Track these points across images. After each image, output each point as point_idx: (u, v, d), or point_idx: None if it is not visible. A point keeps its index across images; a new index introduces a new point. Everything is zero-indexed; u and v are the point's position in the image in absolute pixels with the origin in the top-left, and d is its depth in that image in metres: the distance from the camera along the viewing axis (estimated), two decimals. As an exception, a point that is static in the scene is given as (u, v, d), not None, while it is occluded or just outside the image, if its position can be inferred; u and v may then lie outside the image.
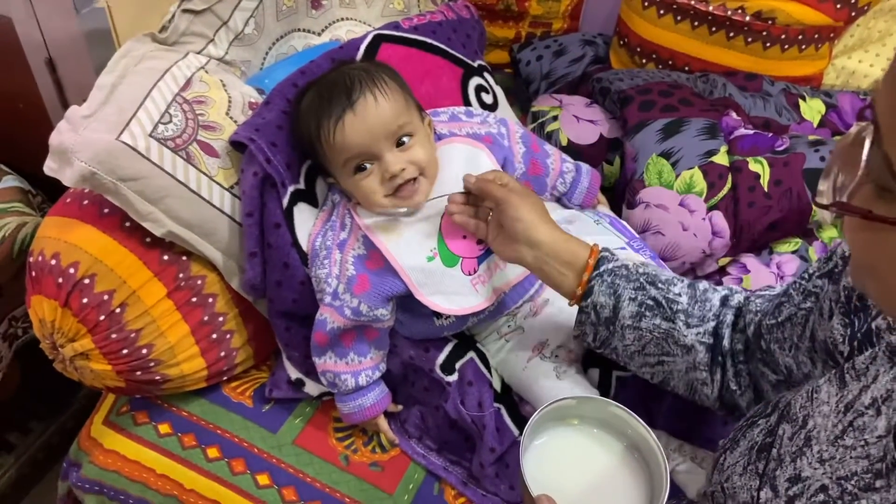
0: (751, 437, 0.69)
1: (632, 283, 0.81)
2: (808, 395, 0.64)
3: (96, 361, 0.91)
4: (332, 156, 0.91)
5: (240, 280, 0.98)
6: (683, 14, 1.35)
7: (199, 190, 0.93)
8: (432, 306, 0.93)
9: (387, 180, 0.90)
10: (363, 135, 0.88)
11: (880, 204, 0.41)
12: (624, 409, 0.75)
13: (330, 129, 0.88)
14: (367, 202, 0.93)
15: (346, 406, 0.96)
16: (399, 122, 0.90)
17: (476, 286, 0.94)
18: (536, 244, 0.84)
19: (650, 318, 0.80)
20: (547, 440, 0.75)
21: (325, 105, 0.89)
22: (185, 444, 1.00)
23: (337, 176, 0.94)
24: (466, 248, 0.94)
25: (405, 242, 0.93)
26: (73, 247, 0.90)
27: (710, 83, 1.32)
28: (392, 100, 0.90)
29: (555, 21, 1.59)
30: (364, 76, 0.91)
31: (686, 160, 1.14)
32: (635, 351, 0.83)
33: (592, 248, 0.84)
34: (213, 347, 0.98)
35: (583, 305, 0.84)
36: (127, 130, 0.88)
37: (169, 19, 0.99)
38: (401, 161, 0.90)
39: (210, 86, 0.99)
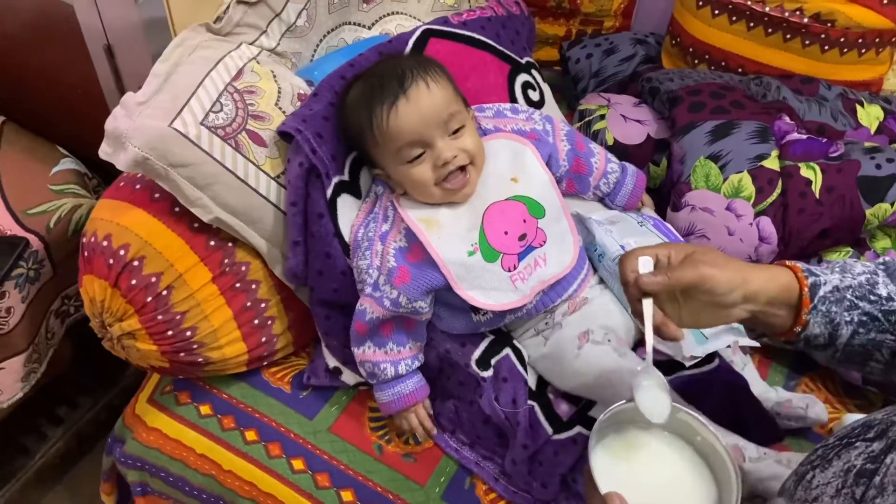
0: (847, 458, 0.65)
1: (844, 303, 0.72)
2: None
3: (142, 341, 0.93)
4: (385, 143, 0.92)
5: (283, 268, 0.99)
6: (739, 14, 1.32)
7: (247, 178, 0.95)
8: (471, 301, 0.93)
9: (439, 167, 0.91)
10: (416, 121, 0.90)
11: None
12: (693, 415, 0.73)
13: (383, 115, 0.90)
14: (417, 191, 0.94)
15: (385, 394, 0.97)
16: (450, 110, 0.92)
17: (515, 282, 0.94)
18: (751, 299, 0.73)
19: (864, 335, 0.72)
20: (616, 439, 0.74)
21: (378, 93, 0.91)
22: (224, 425, 1.02)
23: (386, 165, 0.95)
24: (507, 244, 0.94)
25: (447, 236, 0.93)
26: (125, 229, 0.93)
27: (764, 86, 1.29)
28: (443, 88, 0.92)
29: (606, 19, 1.57)
30: (415, 65, 0.93)
31: (735, 163, 1.12)
32: (839, 361, 0.76)
33: (799, 276, 0.73)
34: (255, 333, 1.00)
35: (797, 341, 0.75)
36: (179, 118, 0.90)
37: (224, 10, 1.02)
38: (452, 148, 0.91)
39: (261, 76, 1.00)
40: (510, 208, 0.96)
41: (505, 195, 0.97)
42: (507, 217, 0.96)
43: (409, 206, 0.96)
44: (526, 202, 0.97)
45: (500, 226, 0.95)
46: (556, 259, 0.97)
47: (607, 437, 0.73)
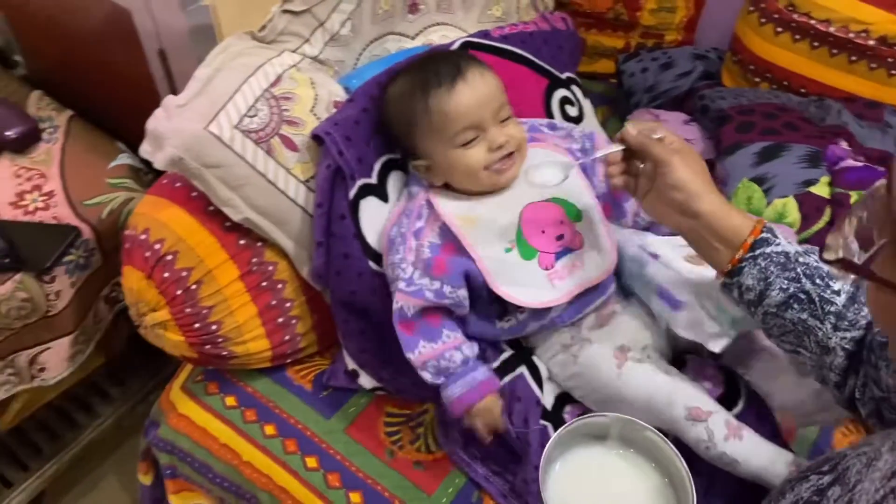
0: (798, 491, 0.65)
1: (787, 272, 0.76)
2: (868, 460, 0.60)
3: (172, 331, 0.98)
4: (442, 125, 0.93)
5: (309, 269, 1.02)
6: (802, 33, 1.27)
7: (276, 181, 0.98)
8: (507, 297, 0.93)
9: (493, 150, 0.93)
10: (474, 103, 0.92)
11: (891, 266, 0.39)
12: (658, 434, 0.74)
13: (442, 96, 0.92)
14: (465, 176, 0.95)
15: (456, 387, 0.90)
16: (501, 98, 0.95)
17: (553, 281, 0.94)
18: (695, 215, 0.79)
19: (796, 311, 0.76)
20: (575, 458, 0.75)
21: (433, 76, 0.93)
22: (246, 417, 1.06)
23: (436, 152, 0.95)
24: (545, 242, 0.94)
25: (484, 232, 0.94)
26: (162, 224, 0.98)
27: (824, 108, 1.24)
28: (494, 77, 0.96)
29: (668, 33, 1.54)
30: (467, 56, 0.97)
31: (780, 188, 1.08)
32: (772, 334, 0.80)
33: (755, 226, 0.78)
34: (279, 330, 1.03)
35: (726, 281, 0.80)
36: (215, 121, 0.94)
37: (269, 18, 1.05)
38: (504, 133, 0.94)
39: (299, 83, 1.04)
40: (547, 209, 0.96)
41: (542, 196, 0.97)
42: (544, 217, 0.96)
43: (446, 203, 0.96)
44: (563, 205, 0.97)
45: (538, 224, 0.95)
46: (594, 263, 0.96)
47: (566, 456, 0.73)
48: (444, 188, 0.98)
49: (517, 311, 0.96)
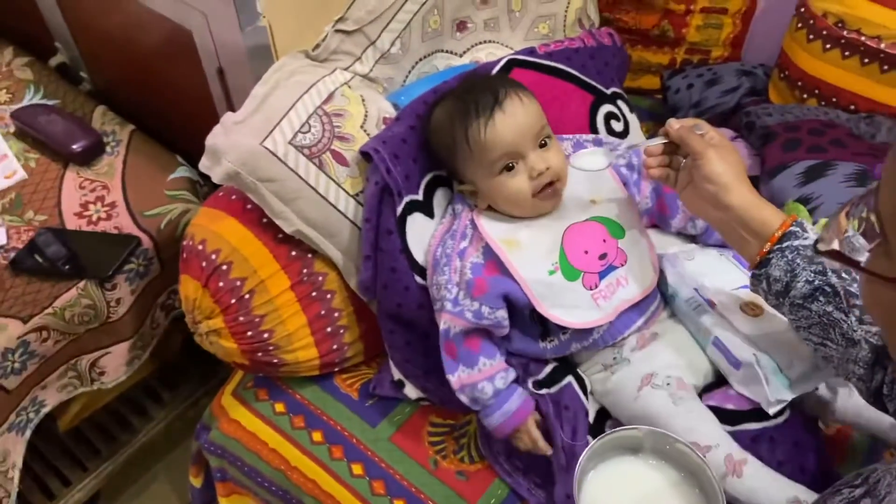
0: None
1: (814, 265, 0.78)
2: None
3: (225, 339, 1.02)
4: (480, 155, 0.95)
5: (356, 281, 1.05)
6: (852, 49, 1.26)
7: (327, 195, 1.01)
8: (553, 319, 0.94)
9: (534, 178, 0.94)
10: (513, 132, 0.93)
11: (882, 260, 0.41)
12: (688, 444, 0.75)
13: (480, 127, 0.93)
14: (510, 202, 0.97)
15: (493, 418, 0.95)
16: (541, 122, 0.96)
17: (598, 301, 0.95)
18: (725, 208, 0.82)
19: (822, 304, 0.78)
20: (607, 468, 0.76)
21: (472, 107, 0.95)
22: (294, 424, 1.09)
23: (478, 179, 0.98)
24: (588, 262, 0.96)
25: (528, 255, 0.96)
26: (218, 235, 1.02)
27: (875, 125, 1.22)
28: (533, 102, 0.97)
29: (714, 49, 1.53)
30: (505, 82, 0.98)
31: (826, 207, 1.07)
32: (799, 326, 0.82)
33: (785, 221, 0.80)
34: (327, 340, 1.06)
35: (755, 272, 0.83)
36: (270, 137, 0.98)
37: (323, 38, 1.09)
38: (544, 160, 0.95)
39: (350, 100, 1.07)
40: (589, 228, 0.98)
41: (584, 216, 0.99)
42: (587, 237, 0.97)
43: (490, 224, 0.98)
44: (605, 223, 0.99)
45: (580, 245, 0.96)
46: (638, 279, 0.98)
47: (599, 468, 0.75)
48: (488, 209, 1.00)
49: (560, 332, 0.98)
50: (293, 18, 1.06)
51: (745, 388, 0.93)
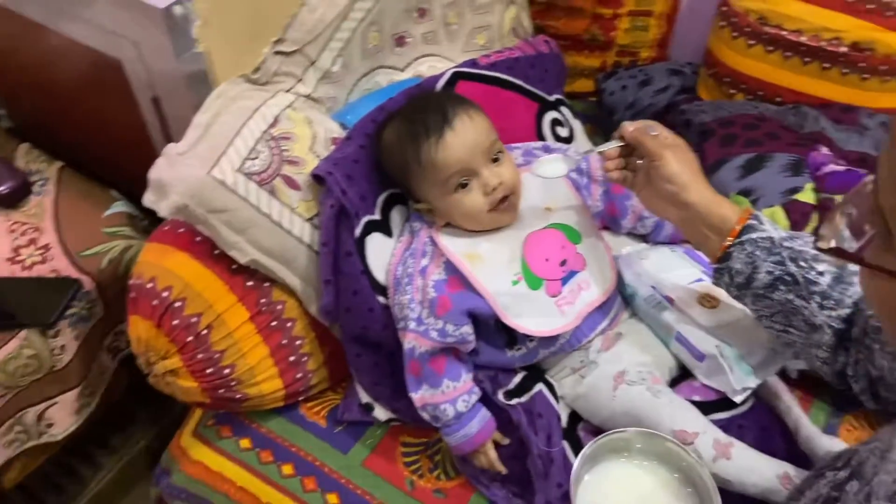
0: (817, 489, 0.68)
1: (773, 256, 0.80)
2: (881, 453, 0.63)
3: (184, 378, 0.98)
4: (433, 175, 0.95)
5: (317, 306, 1.03)
6: (775, 44, 1.31)
7: (281, 221, 0.99)
8: (520, 329, 0.95)
9: (489, 193, 0.94)
10: (464, 150, 0.93)
11: (882, 253, 0.43)
12: (678, 443, 0.76)
13: (431, 147, 0.93)
14: (467, 219, 0.97)
15: (454, 438, 0.96)
16: (492, 137, 0.96)
17: (562, 307, 0.96)
18: (685, 206, 0.85)
19: (783, 293, 0.80)
20: (600, 472, 0.77)
21: (422, 127, 0.94)
22: (262, 459, 1.05)
23: (433, 197, 0.98)
24: (549, 270, 0.96)
25: (490, 267, 0.96)
26: (169, 271, 0.98)
27: (802, 116, 1.28)
28: (483, 118, 0.97)
29: (642, 50, 1.58)
30: (454, 99, 0.98)
31: (767, 198, 1.11)
32: (762, 316, 0.84)
33: (742, 215, 0.83)
34: (291, 369, 1.03)
35: (718, 267, 0.85)
36: (217, 166, 0.95)
37: (262, 61, 1.06)
38: (497, 175, 0.95)
39: (296, 123, 1.05)
40: (548, 236, 0.99)
41: (541, 224, 1.00)
42: (546, 244, 0.98)
43: (450, 240, 0.98)
44: (562, 229, 1.00)
45: (541, 253, 0.97)
46: (598, 282, 0.99)
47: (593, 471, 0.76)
48: (446, 225, 1.00)
49: (527, 340, 0.98)
50: (230, 43, 1.03)
51: (710, 380, 0.96)
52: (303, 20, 1.08)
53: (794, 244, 0.81)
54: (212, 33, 1.00)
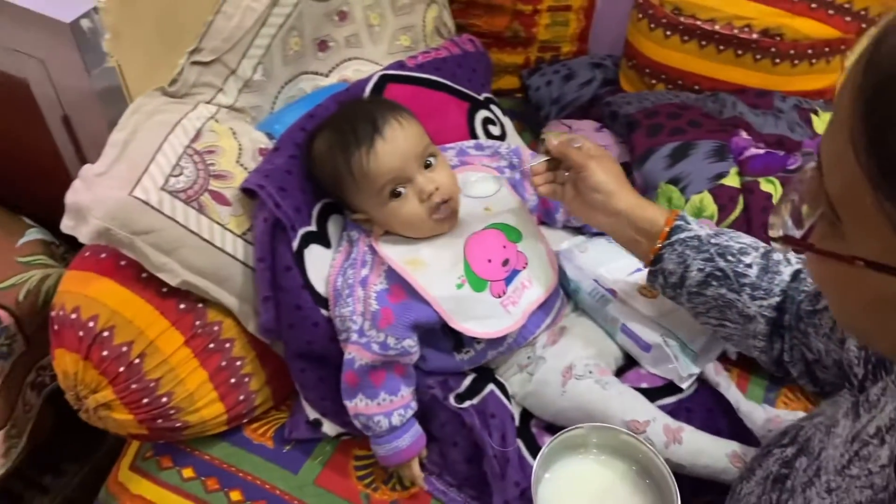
0: (766, 466, 0.70)
1: (702, 253, 0.83)
2: (826, 429, 0.65)
3: (118, 411, 0.93)
4: (366, 185, 0.93)
5: (256, 324, 0.99)
6: (690, 34, 1.35)
7: (212, 238, 0.95)
8: (467, 332, 0.94)
9: (425, 200, 0.93)
10: (396, 158, 0.92)
11: (829, 236, 0.43)
12: (633, 435, 0.77)
13: (362, 157, 0.91)
14: (407, 226, 0.95)
15: (383, 448, 0.95)
16: (424, 142, 0.95)
17: (507, 307, 0.96)
18: (614, 213, 0.87)
19: (715, 288, 0.83)
20: (559, 471, 0.77)
21: (351, 137, 0.92)
22: (208, 487, 1.01)
23: (370, 207, 0.96)
24: (493, 271, 0.96)
25: (433, 272, 0.95)
26: (93, 300, 0.93)
27: (720, 102, 1.31)
28: (414, 124, 0.95)
29: (563, 45, 1.59)
30: (382, 106, 0.96)
31: (695, 185, 1.14)
32: (698, 312, 0.87)
33: (669, 216, 0.86)
34: (232, 392, 0.99)
35: (652, 269, 0.87)
36: (139, 185, 0.90)
37: (178, 72, 1.02)
38: (432, 181, 0.93)
39: (220, 135, 1.01)
40: (489, 236, 0.98)
41: (481, 225, 0.99)
42: (488, 245, 0.97)
43: (390, 248, 0.96)
44: (502, 228, 0.99)
45: (483, 255, 0.96)
46: (540, 279, 0.99)
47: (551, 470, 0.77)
48: (385, 233, 0.98)
49: (474, 342, 0.98)
50: (144, 55, 0.98)
51: (657, 369, 0.97)
52: (219, 28, 1.05)
53: (720, 240, 0.84)
54: (123, 46, 0.95)
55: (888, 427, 0.55)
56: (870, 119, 0.37)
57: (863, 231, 0.40)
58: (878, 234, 0.38)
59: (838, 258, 0.41)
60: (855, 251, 0.40)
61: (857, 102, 0.38)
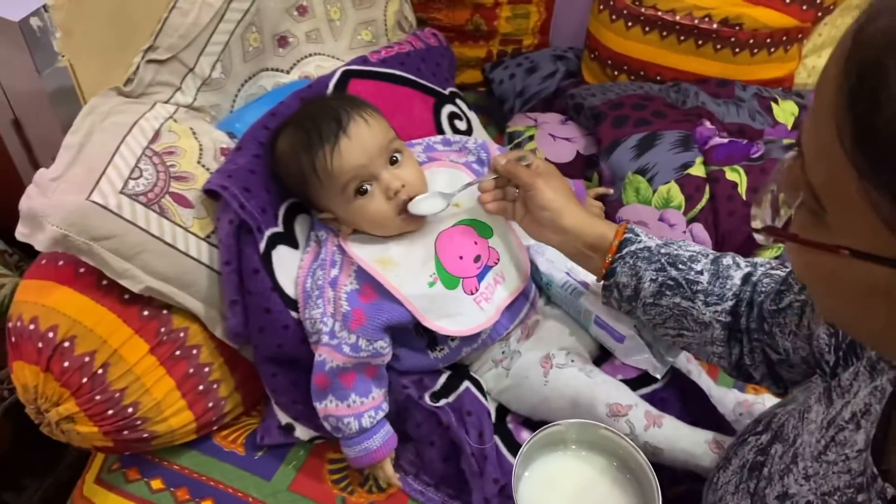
0: (742, 455, 0.70)
1: (653, 264, 0.83)
2: (799, 415, 0.65)
3: (82, 424, 0.89)
4: (330, 183, 0.91)
5: (223, 328, 0.97)
6: (651, 24, 1.35)
7: (175, 242, 0.92)
8: (440, 331, 0.93)
9: (392, 197, 0.91)
10: (360, 155, 0.90)
11: (811, 226, 0.43)
12: (613, 430, 0.77)
13: (326, 155, 0.89)
14: (375, 225, 0.94)
15: (353, 450, 0.94)
16: (389, 137, 0.93)
17: (480, 304, 0.95)
18: (563, 231, 0.87)
19: (670, 297, 0.83)
20: (539, 467, 0.77)
21: (315, 135, 0.90)
22: (178, 498, 0.98)
23: (336, 206, 0.94)
24: (465, 268, 0.95)
25: (404, 271, 0.93)
26: (51, 310, 0.89)
27: (683, 92, 1.32)
28: (378, 120, 0.93)
29: (525, 37, 1.59)
30: (347, 103, 0.94)
31: (662, 175, 1.14)
32: (656, 324, 0.87)
33: (618, 230, 0.86)
34: (201, 399, 0.97)
35: (606, 284, 0.87)
36: (97, 189, 0.87)
37: (133, 71, 0.99)
38: (398, 178, 0.92)
39: (179, 135, 0.98)
40: (459, 233, 0.97)
41: (451, 222, 0.98)
42: (459, 242, 0.96)
43: (359, 247, 0.95)
44: (473, 224, 0.98)
45: (454, 251, 0.95)
46: (513, 274, 0.99)
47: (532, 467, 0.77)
48: (354, 232, 0.96)
49: (448, 340, 0.97)
50: (97, 54, 0.95)
51: (631, 360, 0.97)
52: (174, 25, 1.01)
53: (670, 250, 0.85)
54: (75, 45, 0.91)
55: (863, 412, 0.56)
56: (854, 107, 0.37)
57: (848, 220, 0.40)
58: (864, 223, 0.38)
59: (823, 248, 0.40)
60: (839, 240, 0.40)
61: (841, 90, 0.37)
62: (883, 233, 0.37)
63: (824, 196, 0.40)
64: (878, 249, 0.38)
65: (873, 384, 0.57)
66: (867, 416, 0.56)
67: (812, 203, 0.41)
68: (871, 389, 0.57)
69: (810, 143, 0.41)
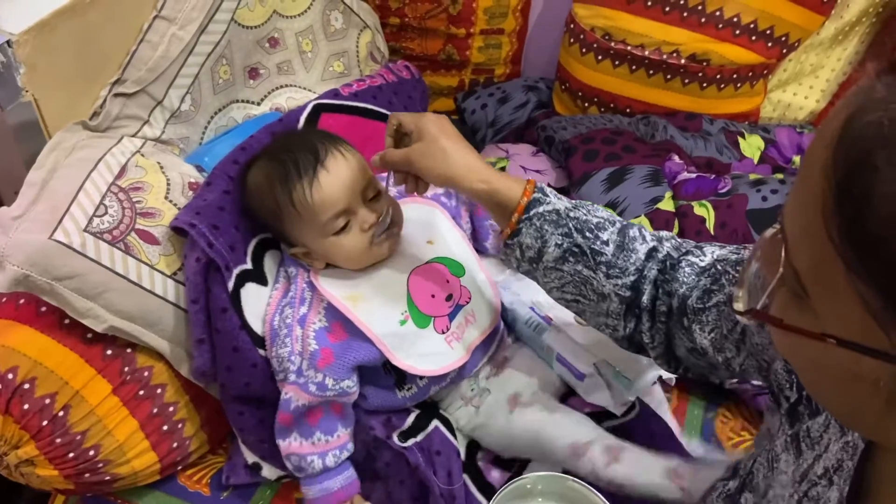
0: (710, 501, 0.69)
1: (560, 228, 0.80)
2: (769, 463, 0.65)
3: (42, 467, 0.87)
4: (309, 218, 0.90)
5: (189, 367, 0.95)
6: (621, 59, 1.37)
7: (140, 280, 0.90)
8: (410, 370, 0.92)
9: (366, 231, 0.91)
10: (340, 190, 0.89)
11: (794, 308, 0.42)
12: (580, 482, 0.76)
13: (305, 188, 0.88)
14: (348, 259, 0.93)
15: (312, 490, 0.92)
16: (367, 176, 0.92)
17: (451, 343, 0.94)
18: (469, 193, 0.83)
19: (573, 264, 0.80)
20: None
21: (292, 167, 0.89)
22: (141, 541, 0.96)
23: (310, 240, 0.92)
24: (436, 307, 0.94)
25: (375, 308, 0.92)
26: (11, 350, 0.87)
27: (652, 126, 1.34)
28: (355, 155, 0.93)
29: (497, 67, 1.60)
30: (323, 137, 0.93)
31: (632, 209, 1.15)
32: (553, 287, 0.84)
33: (526, 188, 0.81)
34: (165, 439, 0.95)
35: (508, 242, 0.83)
36: (60, 228, 0.85)
37: (100, 104, 0.97)
38: (375, 212, 0.91)
39: (147, 170, 0.96)
40: (432, 271, 0.97)
41: (424, 259, 0.97)
42: (431, 280, 0.96)
43: (330, 284, 0.93)
44: (446, 262, 0.98)
45: (426, 290, 0.94)
46: (484, 313, 0.98)
47: None
48: (325, 267, 0.95)
49: (417, 379, 0.96)
50: (62, 88, 0.93)
51: (591, 397, 0.97)
52: (143, 57, 1.00)
53: (579, 213, 0.81)
54: (40, 79, 0.90)
55: (835, 468, 0.56)
56: (843, 202, 0.36)
57: (833, 308, 0.38)
58: (851, 313, 0.37)
59: (808, 335, 0.39)
60: (825, 326, 0.39)
61: (829, 182, 0.36)
62: (870, 324, 0.36)
63: (808, 281, 0.39)
64: (865, 340, 0.37)
65: (844, 439, 0.57)
66: (839, 473, 0.55)
67: (795, 286, 0.40)
68: (843, 445, 0.56)
69: (794, 226, 0.40)
